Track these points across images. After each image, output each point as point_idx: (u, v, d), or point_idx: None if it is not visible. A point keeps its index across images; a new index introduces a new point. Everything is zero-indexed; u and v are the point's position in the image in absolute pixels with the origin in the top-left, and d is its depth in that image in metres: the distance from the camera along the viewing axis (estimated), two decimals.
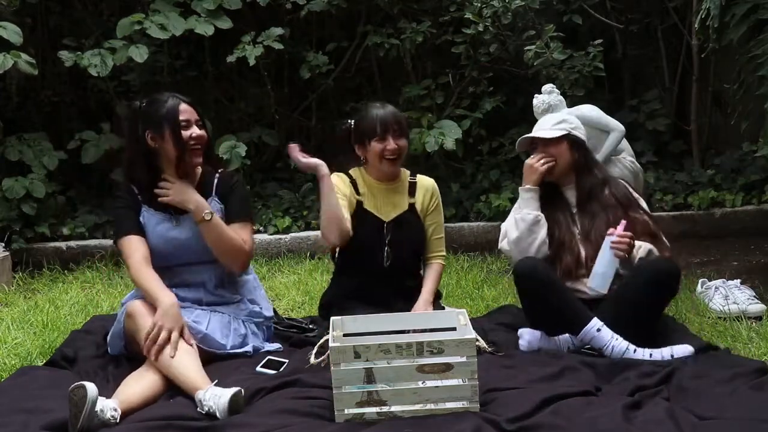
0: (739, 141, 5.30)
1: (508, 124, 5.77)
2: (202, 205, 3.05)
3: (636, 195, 3.38)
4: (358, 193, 3.32)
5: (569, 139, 3.33)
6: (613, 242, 3.05)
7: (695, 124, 5.71)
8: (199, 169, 3.18)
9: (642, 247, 3.13)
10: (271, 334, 3.29)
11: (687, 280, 3.92)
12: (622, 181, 3.43)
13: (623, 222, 3.10)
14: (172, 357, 2.76)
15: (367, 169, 3.36)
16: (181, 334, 2.85)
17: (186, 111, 3.07)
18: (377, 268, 3.29)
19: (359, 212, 3.29)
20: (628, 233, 3.07)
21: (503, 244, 3.33)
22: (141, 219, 3.10)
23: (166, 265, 3.08)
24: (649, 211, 3.35)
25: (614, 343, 2.96)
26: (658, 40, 5.86)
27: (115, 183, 5.32)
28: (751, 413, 2.36)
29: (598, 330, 2.98)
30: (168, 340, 2.80)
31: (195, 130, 3.07)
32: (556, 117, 3.44)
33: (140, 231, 3.09)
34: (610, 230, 3.08)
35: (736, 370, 2.71)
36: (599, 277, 3.06)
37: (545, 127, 3.38)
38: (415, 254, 3.42)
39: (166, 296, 2.92)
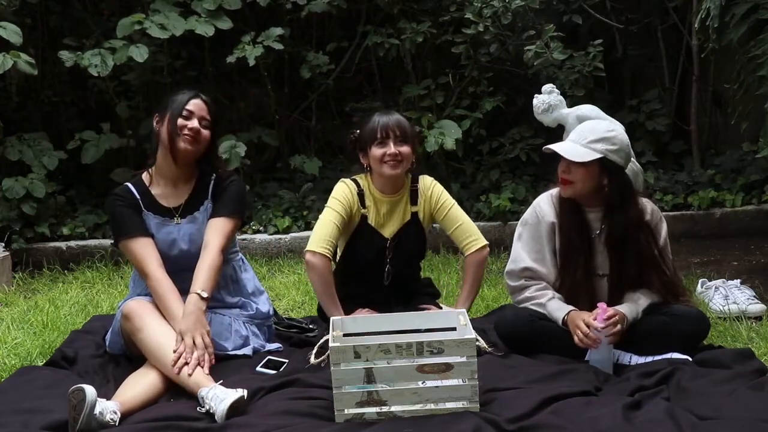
0: (739, 141, 5.30)
1: (508, 124, 5.78)
2: (194, 302, 2.89)
3: (667, 246, 3.01)
4: (363, 205, 3.25)
5: (602, 163, 2.87)
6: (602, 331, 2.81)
7: (695, 124, 5.71)
8: (196, 172, 3.16)
9: (642, 299, 2.95)
10: (272, 334, 3.28)
11: (687, 280, 3.92)
12: (662, 229, 3.01)
13: (602, 307, 2.82)
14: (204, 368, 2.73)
15: (371, 179, 3.28)
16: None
17: (196, 105, 3.09)
18: (377, 284, 3.29)
19: (363, 227, 3.25)
20: (612, 318, 2.81)
21: (508, 279, 3.08)
22: None
23: (168, 270, 3.01)
24: (672, 268, 3.03)
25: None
26: (658, 40, 5.86)
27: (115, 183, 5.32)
28: (751, 413, 2.36)
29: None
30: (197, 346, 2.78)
31: (194, 123, 3.06)
32: (596, 131, 2.89)
33: (147, 232, 3.02)
34: (597, 316, 2.81)
35: (736, 370, 2.72)
36: (600, 363, 2.86)
37: (579, 140, 2.90)
38: (416, 262, 3.43)
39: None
